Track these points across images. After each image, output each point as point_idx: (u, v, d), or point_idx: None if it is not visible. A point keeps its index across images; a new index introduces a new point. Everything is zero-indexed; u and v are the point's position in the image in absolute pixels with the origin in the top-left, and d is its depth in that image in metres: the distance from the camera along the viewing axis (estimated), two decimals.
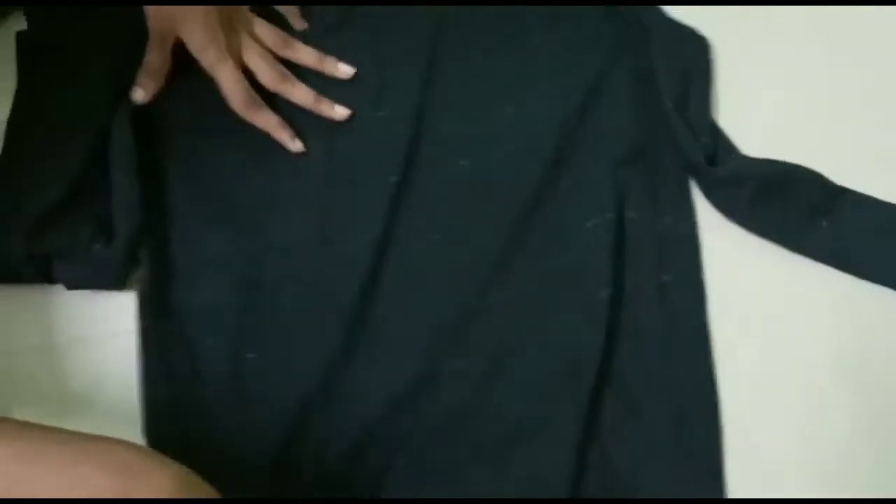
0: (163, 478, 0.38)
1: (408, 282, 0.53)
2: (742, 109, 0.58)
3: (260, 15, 0.58)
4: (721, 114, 0.58)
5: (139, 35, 0.55)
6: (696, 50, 0.60)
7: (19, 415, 0.47)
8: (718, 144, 0.56)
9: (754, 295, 0.54)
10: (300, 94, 0.57)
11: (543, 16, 0.60)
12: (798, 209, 0.54)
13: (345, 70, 0.58)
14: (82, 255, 0.51)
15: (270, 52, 0.57)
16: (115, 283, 0.52)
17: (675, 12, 0.61)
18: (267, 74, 0.56)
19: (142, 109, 0.55)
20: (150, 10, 0.54)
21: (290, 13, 0.60)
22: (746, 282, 0.54)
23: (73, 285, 0.52)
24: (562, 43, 0.60)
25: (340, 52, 0.59)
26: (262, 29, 0.57)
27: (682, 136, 0.55)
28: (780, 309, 0.53)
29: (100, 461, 0.38)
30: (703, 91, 0.58)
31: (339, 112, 0.57)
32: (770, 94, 0.59)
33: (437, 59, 0.59)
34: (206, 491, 0.39)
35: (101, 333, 0.52)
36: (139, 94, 0.55)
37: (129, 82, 0.55)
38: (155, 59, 0.55)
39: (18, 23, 0.59)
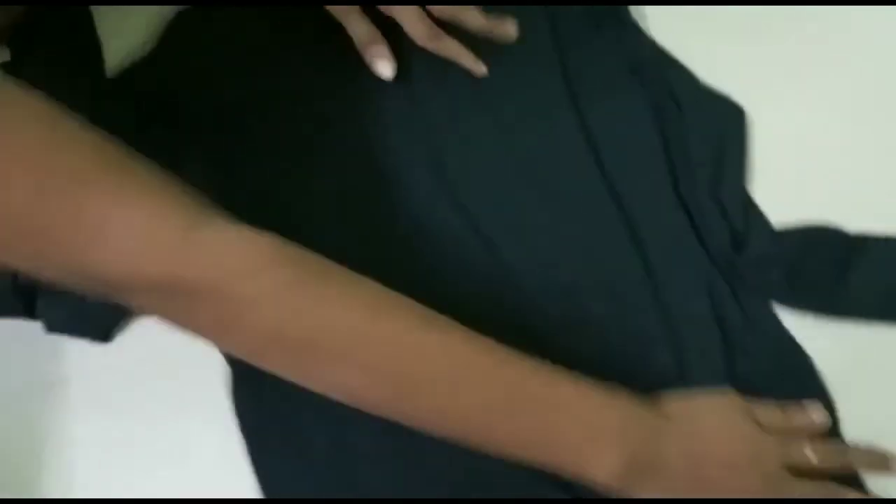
0: None
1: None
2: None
3: None
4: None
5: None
6: (731, 120, 0.57)
7: None
8: (750, 220, 0.54)
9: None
10: (453, 47, 0.56)
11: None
12: (826, 272, 0.52)
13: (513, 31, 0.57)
14: (68, 297, 0.47)
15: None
16: (97, 333, 0.48)
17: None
18: (419, 30, 0.55)
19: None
20: None
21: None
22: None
23: (53, 327, 0.48)
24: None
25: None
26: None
27: (711, 221, 0.53)
28: None
29: None
30: (738, 164, 0.55)
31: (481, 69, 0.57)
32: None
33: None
34: None
35: None
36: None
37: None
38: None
39: None
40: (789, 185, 0.55)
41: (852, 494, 0.45)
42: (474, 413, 0.42)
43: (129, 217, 0.37)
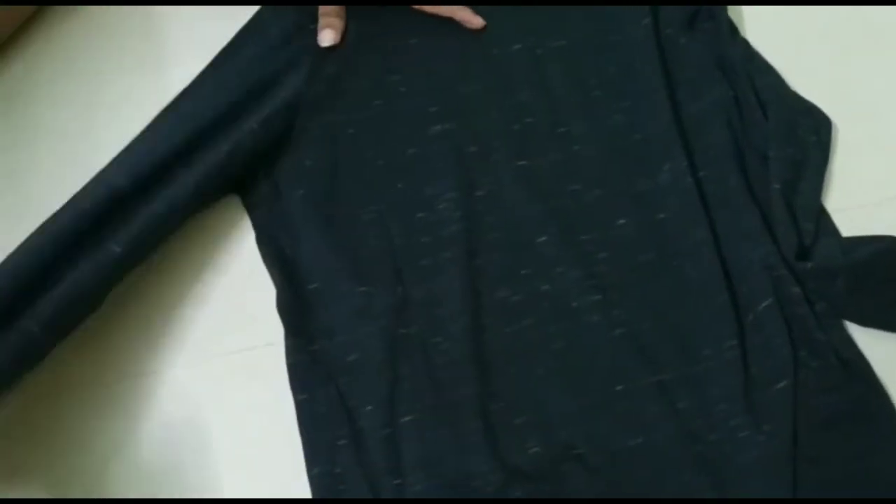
0: None
1: (567, 346, 0.51)
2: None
3: None
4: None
5: None
6: (816, 127, 0.56)
7: None
8: (820, 229, 0.53)
9: None
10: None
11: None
12: (891, 288, 0.51)
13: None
14: None
15: None
16: None
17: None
18: None
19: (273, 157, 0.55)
20: None
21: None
22: None
23: None
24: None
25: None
26: None
27: (781, 226, 0.52)
28: None
29: None
30: (817, 173, 0.55)
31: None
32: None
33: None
34: None
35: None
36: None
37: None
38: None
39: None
40: (865, 197, 0.55)
41: None
42: None
43: None
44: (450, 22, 0.58)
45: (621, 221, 0.54)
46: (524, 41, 0.59)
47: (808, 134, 0.56)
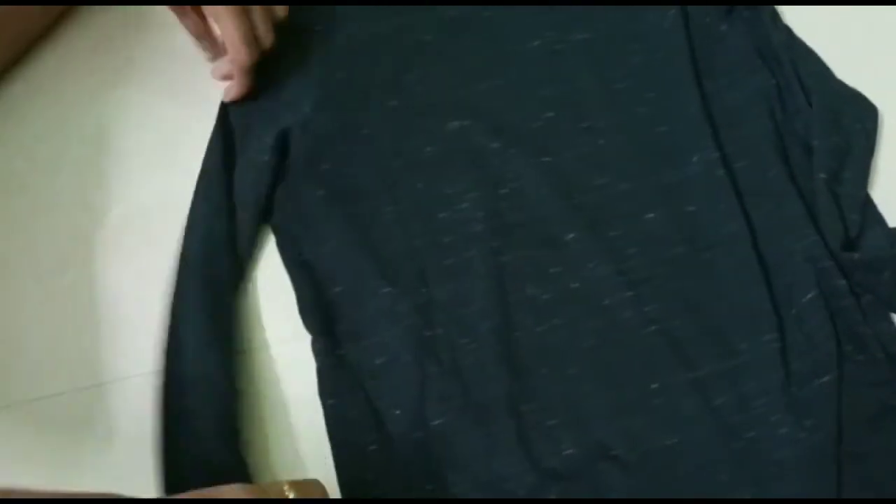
0: None
1: (599, 344, 0.50)
2: None
3: None
4: None
5: None
6: (861, 116, 0.55)
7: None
8: (867, 219, 0.52)
9: None
10: None
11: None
12: None
13: None
14: None
15: None
16: None
17: None
18: None
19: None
20: None
21: None
22: None
23: None
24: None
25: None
26: None
27: (826, 217, 0.51)
28: None
29: None
30: (863, 162, 0.54)
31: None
32: None
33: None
34: None
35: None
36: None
37: None
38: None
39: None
40: None
41: None
42: None
43: None
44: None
45: (650, 215, 0.53)
46: (543, 37, 0.58)
47: (854, 122, 0.55)
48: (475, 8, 0.58)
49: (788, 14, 0.59)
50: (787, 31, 0.58)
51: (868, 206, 0.53)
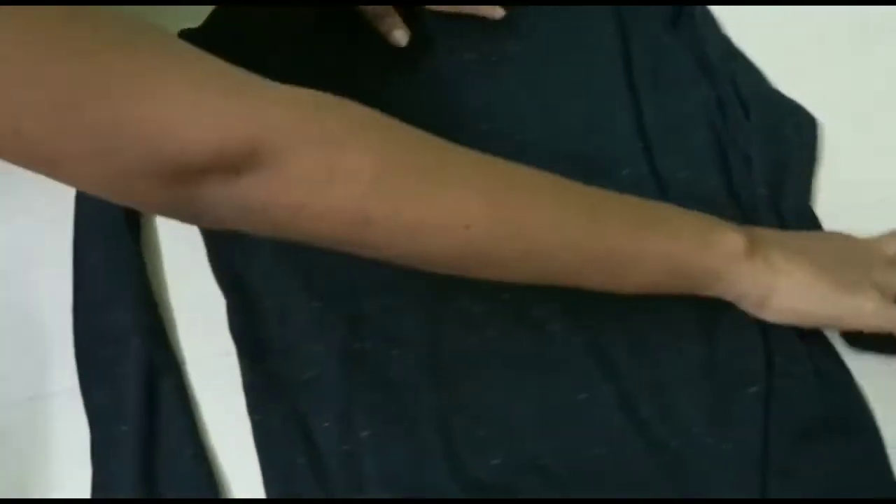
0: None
1: (529, 355, 0.50)
2: None
3: None
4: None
5: None
6: (801, 128, 0.55)
7: None
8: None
9: None
10: None
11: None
12: None
13: None
14: None
15: None
16: None
17: None
18: None
19: None
20: None
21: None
22: None
23: None
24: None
25: None
26: None
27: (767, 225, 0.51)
28: None
29: None
30: (804, 175, 0.54)
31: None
32: None
33: None
34: None
35: None
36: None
37: None
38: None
39: None
40: (855, 199, 0.53)
41: None
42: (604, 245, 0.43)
43: (185, 77, 0.34)
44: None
45: None
46: (478, 49, 0.58)
47: (793, 133, 0.55)
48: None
49: (731, 20, 0.59)
50: (726, 42, 0.58)
51: (810, 219, 0.53)
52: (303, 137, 0.35)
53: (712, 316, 0.51)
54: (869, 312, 0.46)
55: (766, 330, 0.50)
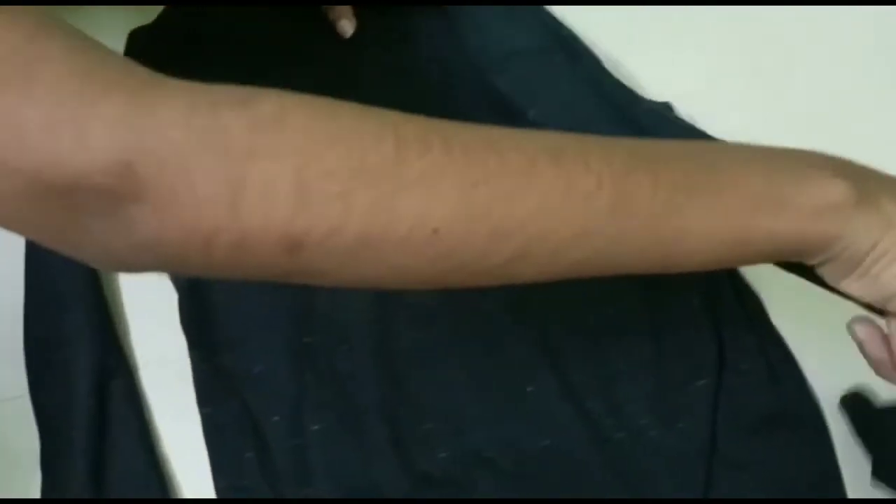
0: None
1: (477, 349, 0.50)
2: None
3: None
4: None
5: None
6: None
7: None
8: None
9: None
10: None
11: None
12: None
13: None
14: None
15: None
16: None
17: None
18: None
19: None
20: None
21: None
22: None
23: None
24: None
25: None
26: None
27: None
28: None
29: None
30: None
31: None
32: None
33: None
34: None
35: None
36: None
37: None
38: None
39: None
40: None
41: None
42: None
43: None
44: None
45: None
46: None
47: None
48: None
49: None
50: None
51: None
52: (192, 149, 0.27)
53: (662, 310, 0.51)
54: None
55: (718, 324, 0.50)
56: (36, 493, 0.49)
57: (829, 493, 0.47)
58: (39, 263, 0.54)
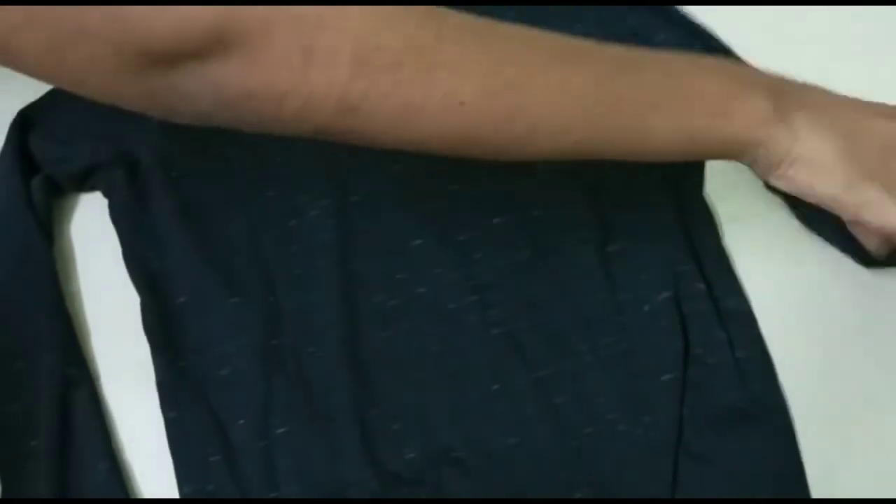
0: None
1: (444, 348, 0.50)
2: None
3: None
4: None
5: None
6: None
7: None
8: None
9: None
10: None
11: None
12: None
13: None
14: None
15: None
16: None
17: None
18: None
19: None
20: None
21: None
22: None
23: None
24: None
25: None
26: None
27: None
28: None
29: None
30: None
31: None
32: None
33: None
34: None
35: None
36: None
37: None
38: None
39: None
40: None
41: None
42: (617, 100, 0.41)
43: None
44: None
45: (496, 220, 0.54)
46: None
47: None
48: None
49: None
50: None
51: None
52: (273, 18, 0.33)
53: (633, 303, 0.52)
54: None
55: (689, 317, 0.51)
56: None
57: (793, 489, 0.48)
58: None
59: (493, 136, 0.39)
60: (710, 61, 0.45)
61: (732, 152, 0.44)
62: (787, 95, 0.44)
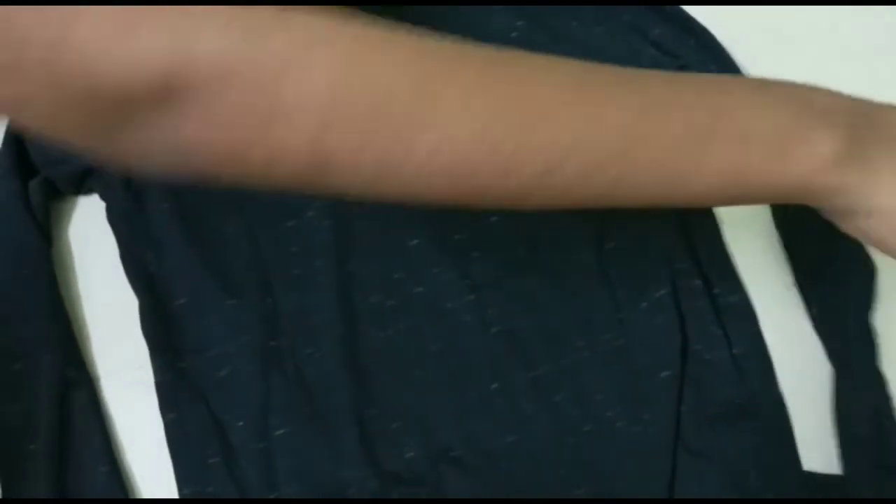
0: None
1: (442, 347, 0.50)
2: None
3: None
4: None
5: None
6: None
7: None
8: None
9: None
10: None
11: None
12: None
13: None
14: None
15: None
16: None
17: None
18: None
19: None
20: None
21: None
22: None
23: None
24: None
25: None
26: None
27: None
28: None
29: None
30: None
31: None
32: None
33: None
34: None
35: None
36: None
37: None
38: None
39: None
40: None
41: None
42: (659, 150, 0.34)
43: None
44: None
45: (493, 219, 0.54)
46: None
47: None
48: None
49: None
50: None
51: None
52: (231, 69, 0.28)
53: (631, 300, 0.52)
54: None
55: (687, 314, 0.51)
56: None
57: (790, 485, 0.48)
58: None
59: (492, 189, 0.33)
60: (778, 89, 0.37)
61: (794, 199, 0.37)
62: (867, 126, 0.36)
